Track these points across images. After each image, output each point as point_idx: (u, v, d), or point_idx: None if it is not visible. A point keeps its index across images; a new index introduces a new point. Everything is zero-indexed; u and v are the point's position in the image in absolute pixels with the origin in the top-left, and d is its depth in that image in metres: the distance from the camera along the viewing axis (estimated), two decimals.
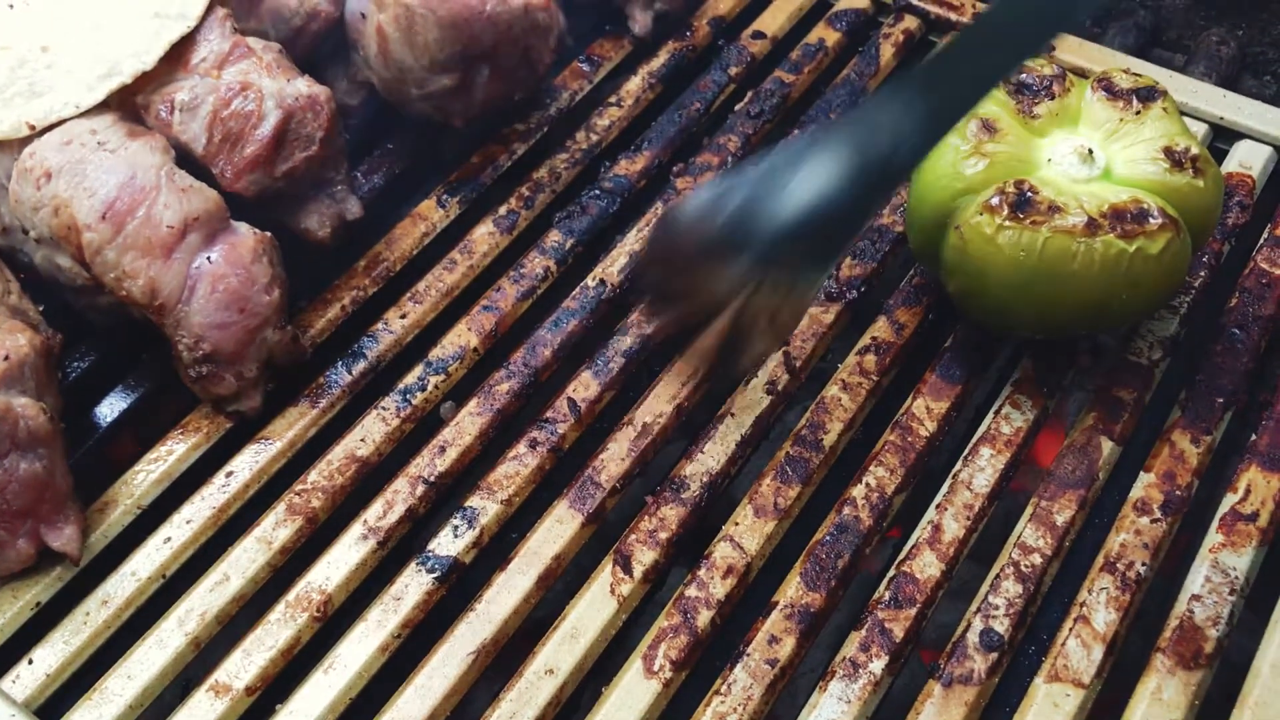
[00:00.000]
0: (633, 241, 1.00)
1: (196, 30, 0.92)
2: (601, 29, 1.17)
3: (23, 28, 0.91)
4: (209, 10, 0.93)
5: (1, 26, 0.90)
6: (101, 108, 0.89)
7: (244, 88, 0.90)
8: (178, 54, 0.91)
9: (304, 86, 0.91)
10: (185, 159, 0.89)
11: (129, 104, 0.91)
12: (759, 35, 1.17)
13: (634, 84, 1.13)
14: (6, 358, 0.78)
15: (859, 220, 0.80)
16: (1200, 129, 1.08)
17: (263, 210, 0.92)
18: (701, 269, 0.77)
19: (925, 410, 0.89)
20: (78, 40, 0.91)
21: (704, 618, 0.79)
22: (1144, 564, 0.81)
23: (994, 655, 0.77)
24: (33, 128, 0.87)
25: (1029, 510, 0.84)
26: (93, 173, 0.84)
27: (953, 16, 1.17)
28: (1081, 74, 1.12)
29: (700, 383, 0.91)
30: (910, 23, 1.18)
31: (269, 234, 0.87)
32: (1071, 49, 1.14)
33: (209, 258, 0.84)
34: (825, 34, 1.18)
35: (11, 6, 0.91)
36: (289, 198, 0.93)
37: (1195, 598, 0.79)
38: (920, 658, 0.90)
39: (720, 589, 0.80)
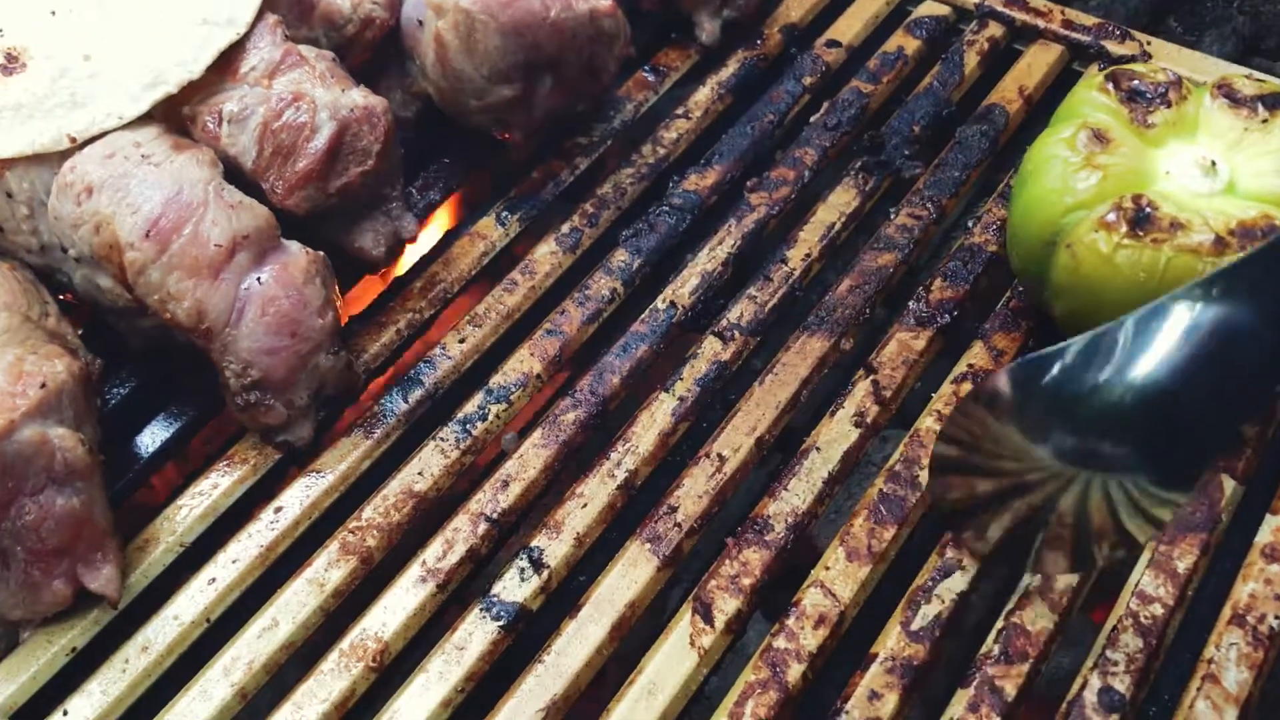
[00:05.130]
0: (704, 261, 0.94)
1: (246, 38, 0.87)
2: (667, 37, 1.11)
3: (65, 36, 0.86)
4: (259, 17, 0.88)
5: (43, 34, 0.86)
6: (146, 119, 0.84)
7: (296, 98, 0.84)
8: (226, 63, 0.86)
9: (359, 97, 0.86)
10: (234, 173, 0.84)
11: (175, 115, 0.86)
12: (834, 44, 1.11)
13: (702, 95, 1.07)
14: (43, 385, 0.72)
15: (1241, 418, 0.65)
16: None
17: (314, 228, 0.86)
18: (1001, 435, 0.67)
19: None
20: (122, 49, 0.86)
21: (794, 671, 0.72)
22: (1277, 617, 0.73)
23: (1115, 717, 0.70)
24: (74, 140, 0.82)
25: (1146, 555, 0.76)
26: (136, 188, 0.79)
27: (1040, 23, 1.10)
28: None
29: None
30: (995, 30, 1.11)
31: (322, 253, 0.82)
32: (1170, 55, 1.07)
33: (259, 279, 0.78)
34: (904, 41, 1.11)
35: (54, 13, 0.87)
36: (342, 215, 0.88)
37: None
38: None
39: (812, 640, 0.73)
